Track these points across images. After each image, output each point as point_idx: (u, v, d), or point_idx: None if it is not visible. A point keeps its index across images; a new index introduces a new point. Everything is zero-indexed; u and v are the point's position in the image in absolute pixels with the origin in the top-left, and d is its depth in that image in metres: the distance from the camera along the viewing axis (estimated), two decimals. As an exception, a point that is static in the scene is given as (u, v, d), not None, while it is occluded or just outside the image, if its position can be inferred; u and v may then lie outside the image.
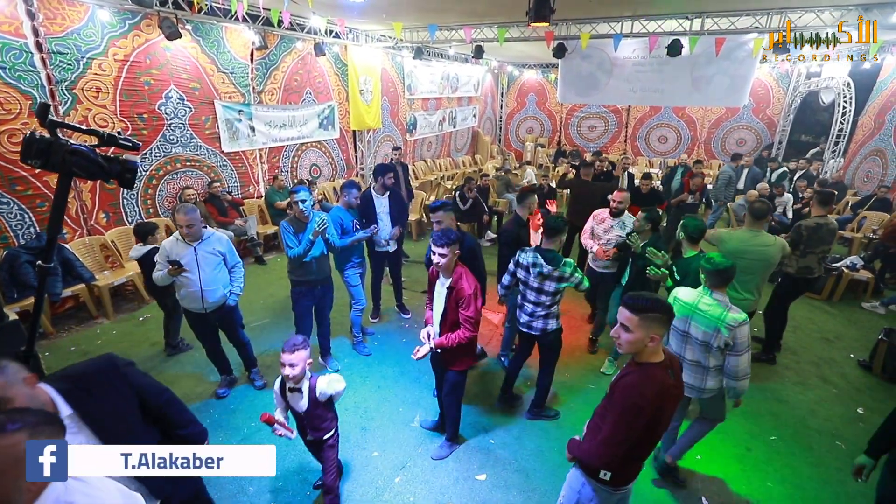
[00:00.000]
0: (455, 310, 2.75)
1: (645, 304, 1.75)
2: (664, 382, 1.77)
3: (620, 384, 1.82)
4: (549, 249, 3.15)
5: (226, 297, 3.53)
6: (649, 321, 1.74)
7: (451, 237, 2.71)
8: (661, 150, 13.86)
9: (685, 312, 2.67)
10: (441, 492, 2.95)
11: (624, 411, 1.75)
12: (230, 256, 3.54)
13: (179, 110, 5.97)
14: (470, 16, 7.12)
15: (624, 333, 1.78)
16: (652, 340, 1.76)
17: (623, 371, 1.89)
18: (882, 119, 9.20)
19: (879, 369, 4.28)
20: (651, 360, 1.81)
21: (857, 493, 2.98)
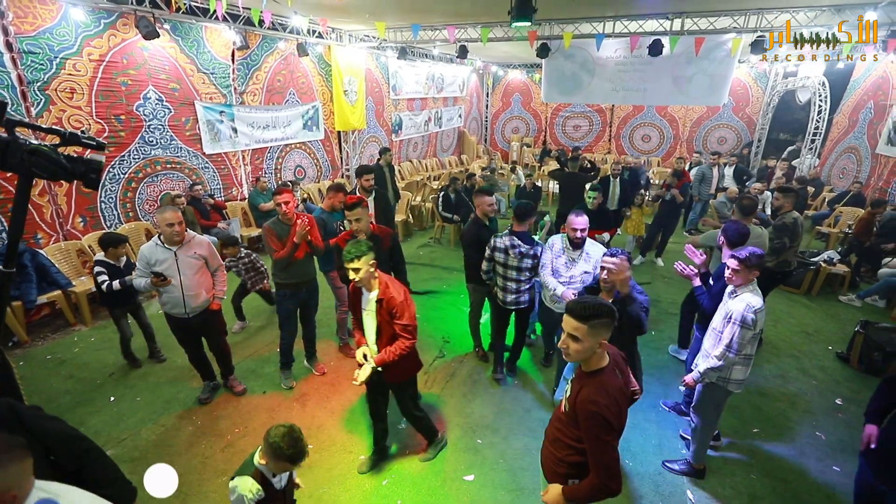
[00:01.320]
0: (390, 322, 2.57)
1: (593, 311, 1.69)
2: (619, 386, 1.77)
3: (580, 402, 1.75)
4: (522, 231, 3.50)
5: (209, 302, 3.46)
6: (598, 327, 1.69)
7: (363, 248, 2.49)
8: (645, 148, 14.04)
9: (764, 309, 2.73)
10: (429, 493, 2.94)
11: (594, 431, 1.71)
12: (212, 260, 3.47)
13: (158, 111, 5.85)
14: (453, 16, 7.12)
15: (573, 343, 1.72)
16: (600, 346, 1.73)
17: (576, 386, 1.83)
18: (855, 117, 9.45)
19: (856, 361, 4.38)
20: (599, 365, 1.78)
21: (836, 483, 3.06)
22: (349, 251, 2.46)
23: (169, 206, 3.28)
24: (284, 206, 3.51)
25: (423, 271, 6.61)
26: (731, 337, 2.63)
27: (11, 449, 1.20)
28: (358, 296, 2.70)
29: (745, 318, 2.57)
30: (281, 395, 3.85)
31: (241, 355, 4.37)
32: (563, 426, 1.91)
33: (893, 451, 2.02)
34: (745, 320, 2.57)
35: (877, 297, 5.71)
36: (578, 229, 3.24)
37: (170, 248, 3.25)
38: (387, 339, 2.62)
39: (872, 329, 4.33)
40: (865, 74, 9.38)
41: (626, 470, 3.14)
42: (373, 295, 2.60)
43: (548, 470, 2.02)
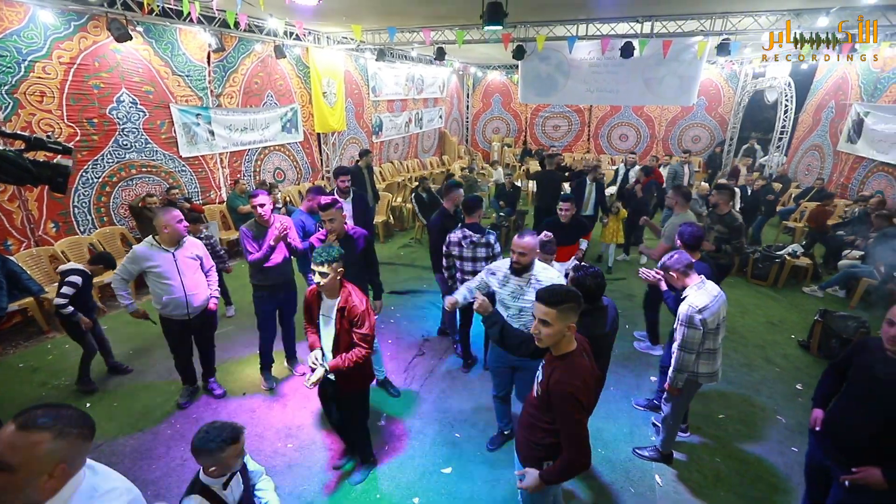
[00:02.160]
0: (349, 331, 2.53)
1: (561, 296, 1.79)
2: (587, 367, 1.86)
3: (552, 384, 1.83)
4: (472, 223, 3.68)
5: (208, 301, 3.53)
6: (566, 311, 1.78)
7: (334, 254, 2.45)
8: (623, 147, 14.34)
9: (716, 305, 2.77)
10: (407, 487, 3.01)
11: (566, 410, 1.80)
12: (206, 260, 3.54)
13: (133, 114, 5.79)
14: (429, 18, 7.20)
15: (544, 328, 1.80)
16: (569, 329, 1.82)
17: (546, 369, 1.92)
18: (819, 116, 9.86)
19: (816, 348, 4.61)
20: (568, 349, 1.87)
21: (794, 462, 3.23)
22: (319, 253, 2.45)
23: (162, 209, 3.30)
24: (260, 209, 3.53)
25: (403, 271, 6.67)
26: (682, 338, 2.75)
27: (84, 425, 1.23)
28: (316, 300, 2.64)
29: (689, 318, 2.69)
30: (261, 397, 3.88)
31: (220, 358, 4.36)
32: (535, 411, 1.99)
33: (836, 432, 2.17)
34: (691, 321, 2.69)
35: (837, 287, 5.99)
36: (517, 251, 2.64)
37: (168, 250, 3.27)
38: (344, 348, 2.55)
39: (830, 318, 4.56)
40: (827, 75, 9.79)
41: (598, 458, 3.27)
42: (334, 302, 2.55)
43: (523, 455, 2.10)
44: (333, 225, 3.26)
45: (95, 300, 4.16)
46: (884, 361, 1.96)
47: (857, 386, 2.11)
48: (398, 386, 3.98)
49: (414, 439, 3.42)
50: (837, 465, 2.11)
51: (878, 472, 1.92)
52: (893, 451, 1.93)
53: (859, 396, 2.08)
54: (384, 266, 6.66)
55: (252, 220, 3.67)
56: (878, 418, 1.96)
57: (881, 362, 1.97)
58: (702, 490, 3.02)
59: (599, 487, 3.04)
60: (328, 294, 2.57)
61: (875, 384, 1.99)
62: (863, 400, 2.05)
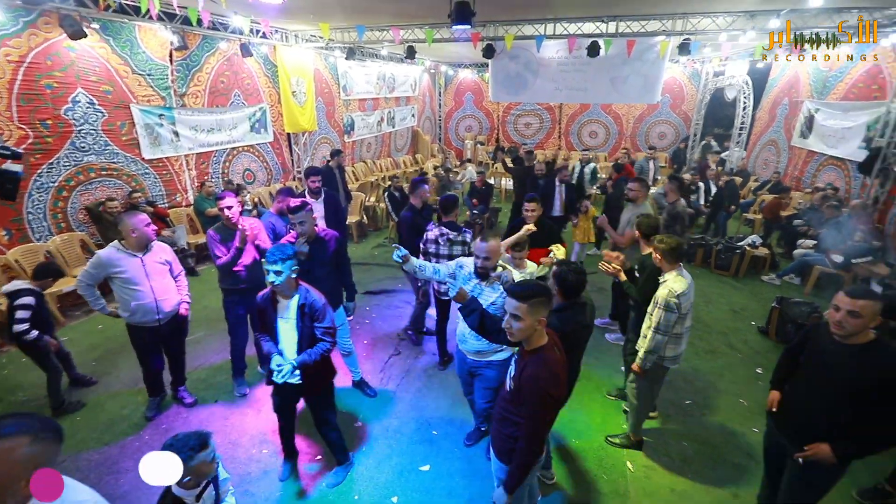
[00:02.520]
0: (311, 327, 2.56)
1: (532, 291, 1.85)
2: (559, 361, 1.91)
3: (524, 378, 1.88)
4: (449, 221, 3.80)
5: (179, 306, 3.46)
6: (537, 306, 1.83)
7: (288, 252, 2.45)
8: (593, 144, 14.66)
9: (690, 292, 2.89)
10: (385, 486, 3.02)
11: (535, 402, 1.84)
12: (175, 265, 3.47)
13: (90, 115, 5.55)
14: (398, 17, 7.18)
15: (515, 323, 1.85)
16: (539, 323, 1.87)
17: (519, 364, 1.96)
18: (774, 113, 10.34)
19: (774, 333, 4.86)
20: (540, 343, 1.91)
21: (755, 443, 3.39)
22: (272, 253, 2.43)
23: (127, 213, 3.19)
24: (227, 212, 3.46)
25: (378, 271, 6.65)
26: (658, 320, 2.87)
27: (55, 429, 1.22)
28: (271, 304, 2.59)
29: (668, 302, 2.81)
30: (234, 403, 3.80)
31: (191, 365, 4.25)
32: (508, 405, 2.03)
33: (790, 411, 2.30)
34: (669, 305, 2.81)
35: (793, 275, 6.32)
36: (481, 256, 2.65)
37: (136, 255, 3.17)
38: (308, 346, 2.57)
39: (786, 304, 4.81)
40: (781, 74, 10.27)
41: (572, 448, 3.36)
42: (292, 302, 2.55)
43: (497, 449, 2.15)
44: (303, 227, 3.21)
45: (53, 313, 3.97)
46: (831, 344, 2.07)
47: (809, 368, 2.22)
48: (374, 386, 3.97)
49: (391, 438, 3.43)
50: (792, 443, 2.23)
51: (828, 448, 2.04)
52: (841, 428, 2.04)
53: (810, 378, 2.19)
54: (358, 266, 6.63)
55: (220, 223, 3.59)
56: (827, 398, 2.08)
57: (829, 345, 2.09)
58: (671, 473, 3.15)
59: (574, 476, 3.13)
60: (284, 294, 2.55)
61: (824, 366, 2.11)
62: (813, 381, 2.17)
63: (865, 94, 7.42)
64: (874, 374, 1.93)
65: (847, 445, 2.03)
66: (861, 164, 6.92)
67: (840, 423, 2.05)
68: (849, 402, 2.01)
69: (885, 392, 1.91)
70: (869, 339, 2.00)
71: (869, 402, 1.96)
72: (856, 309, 1.94)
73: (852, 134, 7.51)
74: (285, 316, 2.58)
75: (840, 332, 2.01)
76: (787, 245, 7.13)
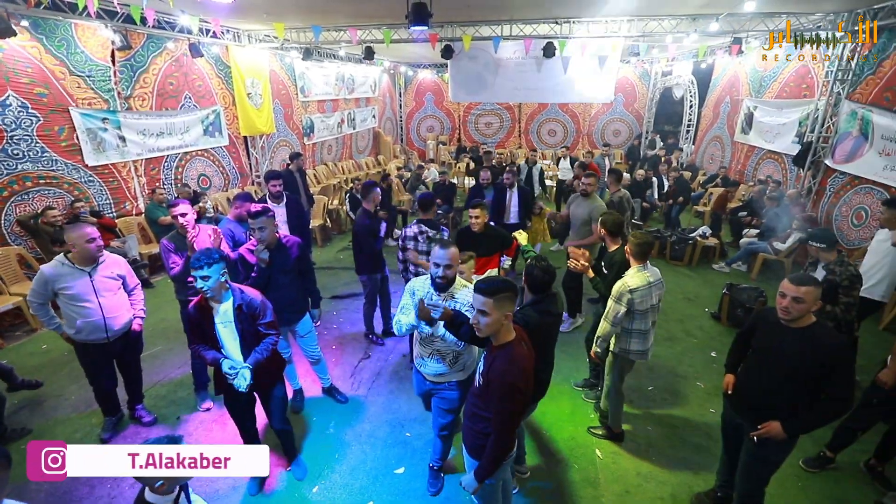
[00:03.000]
0: (253, 325, 2.58)
1: (497, 286, 1.87)
2: (526, 355, 1.96)
3: (492, 373, 1.91)
4: (427, 219, 3.88)
5: (131, 323, 3.26)
6: (503, 300, 1.86)
7: (215, 256, 2.41)
8: (552, 142, 15.05)
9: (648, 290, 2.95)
10: (361, 493, 2.99)
11: (503, 396, 1.88)
12: (130, 279, 3.27)
13: (23, 120, 5.16)
14: (355, 17, 7.10)
15: (483, 318, 1.87)
16: (507, 318, 1.90)
17: (488, 359, 1.99)
18: (718, 111, 10.97)
19: (725, 318, 5.17)
20: (508, 338, 1.95)
21: (713, 423, 3.60)
22: (198, 259, 2.35)
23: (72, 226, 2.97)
24: (182, 219, 3.31)
25: (344, 275, 6.55)
26: (608, 309, 3.02)
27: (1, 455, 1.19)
28: (205, 311, 2.51)
29: (620, 294, 2.94)
30: (198, 419, 3.65)
31: (149, 381, 4.05)
32: (478, 400, 2.07)
33: (744, 392, 2.44)
34: (620, 297, 2.94)
35: (740, 262, 6.73)
36: (443, 264, 2.41)
37: (83, 270, 2.95)
38: (252, 345, 2.58)
39: (735, 290, 5.12)
40: (722, 74, 10.91)
41: (543, 439, 3.45)
42: (228, 305, 2.52)
43: (469, 445, 2.17)
44: (263, 234, 3.11)
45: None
46: (778, 328, 2.20)
47: (759, 352, 2.36)
48: (345, 392, 3.92)
49: (365, 443, 3.40)
50: (747, 422, 2.37)
51: (779, 426, 2.18)
52: (790, 406, 2.19)
53: (761, 361, 2.33)
54: (324, 271, 6.51)
55: (174, 232, 3.43)
56: (776, 379, 2.22)
57: (776, 329, 2.22)
58: (636, 457, 3.29)
59: (546, 466, 3.21)
60: (217, 299, 2.50)
61: (772, 349, 2.25)
62: (764, 364, 2.30)
63: (796, 92, 8.02)
64: (815, 354, 2.06)
65: (795, 423, 2.17)
66: (795, 157, 7.47)
67: (789, 401, 2.18)
68: (795, 382, 2.15)
69: (825, 370, 2.05)
70: (810, 322, 2.13)
71: (812, 381, 2.10)
72: (799, 295, 2.06)
73: (786, 129, 8.10)
74: (223, 321, 2.54)
75: (786, 317, 2.13)
76: (734, 235, 7.59)
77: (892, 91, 5.94)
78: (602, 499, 2.97)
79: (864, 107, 6.33)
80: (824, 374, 2.07)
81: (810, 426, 2.21)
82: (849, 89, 6.67)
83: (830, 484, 3.06)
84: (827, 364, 2.05)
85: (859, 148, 6.40)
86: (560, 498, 2.97)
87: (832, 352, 2.05)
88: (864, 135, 6.30)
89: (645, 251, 3.01)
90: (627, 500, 2.96)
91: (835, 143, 6.90)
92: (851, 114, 6.57)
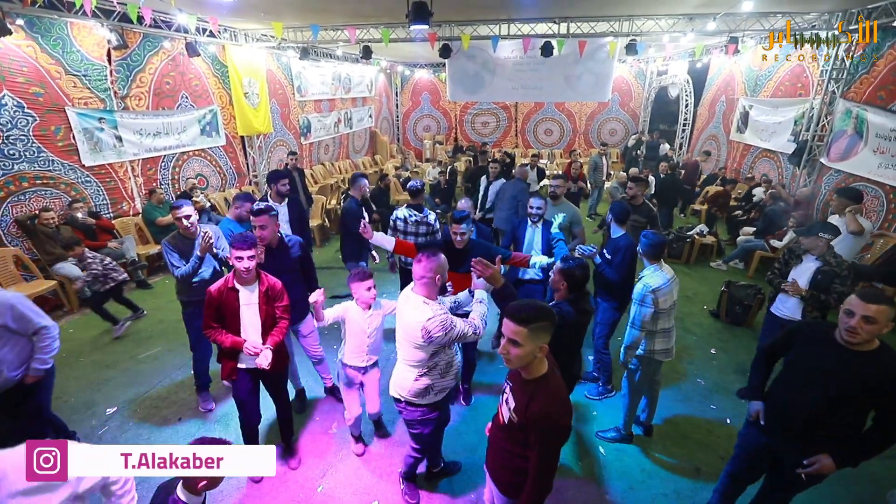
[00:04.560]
0: (272, 309, 2.74)
1: (532, 314, 1.61)
2: (561, 382, 1.75)
3: (534, 415, 1.64)
4: (416, 204, 4.21)
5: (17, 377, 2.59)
6: (538, 331, 1.61)
7: (253, 238, 2.61)
8: (548, 142, 15.09)
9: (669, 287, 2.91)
10: (365, 492, 2.98)
11: (550, 437, 1.66)
12: (21, 324, 2.53)
13: (18, 119, 5.11)
14: (353, 16, 7.09)
15: (513, 349, 1.63)
16: (541, 350, 1.65)
17: (521, 398, 1.71)
18: (713, 110, 11.04)
19: (724, 315, 5.20)
20: (542, 370, 1.71)
21: (714, 420, 3.64)
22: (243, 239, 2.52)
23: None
24: (185, 221, 3.27)
25: (343, 274, 6.49)
26: (634, 314, 2.96)
27: None
28: (230, 295, 2.65)
29: (643, 297, 2.89)
30: (200, 420, 3.63)
31: (150, 383, 4.03)
32: (507, 437, 1.85)
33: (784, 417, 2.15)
34: (644, 300, 2.89)
35: (738, 260, 6.79)
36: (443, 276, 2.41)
37: None
38: (271, 328, 2.76)
39: (734, 287, 5.16)
40: (718, 73, 10.98)
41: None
42: (254, 288, 2.69)
43: (503, 484, 1.94)
44: (265, 232, 3.11)
45: None
46: (830, 345, 1.96)
47: (803, 371, 2.09)
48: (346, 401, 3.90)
49: (368, 443, 3.40)
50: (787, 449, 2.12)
51: (830, 462, 1.96)
52: (842, 433, 1.98)
53: (805, 381, 2.05)
54: (324, 270, 6.48)
55: (174, 233, 3.39)
56: (825, 402, 1.96)
57: (828, 349, 1.97)
58: (640, 454, 3.31)
59: (550, 464, 3.22)
60: (248, 282, 2.66)
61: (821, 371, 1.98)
62: (808, 384, 2.03)
63: (791, 91, 8.09)
64: (882, 381, 1.83)
65: (848, 456, 1.95)
66: (791, 156, 7.54)
67: (841, 428, 1.96)
68: (850, 408, 1.93)
69: (889, 399, 1.84)
70: (877, 346, 1.87)
71: (870, 408, 1.90)
72: (871, 314, 1.80)
73: (782, 128, 8.17)
74: (249, 302, 2.68)
75: (853, 339, 1.85)
76: (731, 233, 7.65)
77: (886, 90, 6.01)
78: (606, 496, 2.98)
79: (858, 105, 6.41)
80: (886, 402, 1.86)
81: (864, 458, 1.95)
82: (843, 88, 6.74)
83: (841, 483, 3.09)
84: (892, 392, 1.83)
85: (854, 146, 6.47)
86: (565, 494, 2.98)
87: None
88: (859, 133, 6.37)
89: (658, 252, 3.00)
90: (632, 496, 2.98)
91: (830, 141, 6.97)
92: (846, 112, 6.64)
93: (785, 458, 2.14)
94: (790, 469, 2.10)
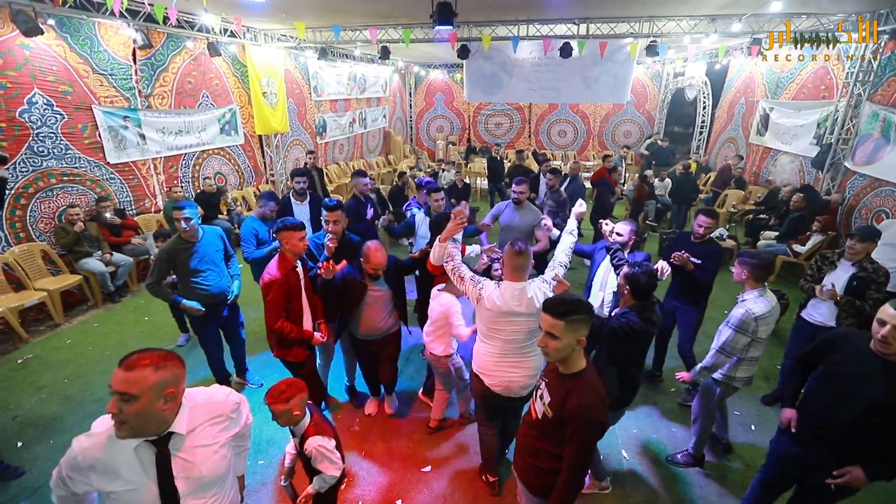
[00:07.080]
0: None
1: (569, 307, 1.64)
2: (598, 381, 1.74)
3: (571, 409, 1.66)
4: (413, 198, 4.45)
5: None
6: (575, 324, 1.64)
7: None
8: (562, 143, 15.01)
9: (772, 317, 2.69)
10: (389, 489, 3.00)
11: (588, 433, 1.66)
12: None
13: (48, 117, 5.22)
14: (374, 17, 7.12)
15: (551, 341, 1.65)
16: (579, 343, 1.67)
17: (558, 392, 1.73)
18: (732, 112, 10.90)
19: (745, 321, 5.11)
20: (580, 365, 1.72)
21: (735, 424, 3.59)
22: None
23: None
24: (184, 223, 3.22)
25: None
26: (726, 339, 2.72)
27: None
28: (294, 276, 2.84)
29: (744, 322, 2.66)
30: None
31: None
32: (540, 434, 1.84)
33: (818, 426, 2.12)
34: (745, 326, 2.66)
35: (758, 265, 6.67)
36: None
37: None
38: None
39: (756, 292, 5.07)
40: (737, 75, 10.84)
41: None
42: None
43: (533, 486, 1.93)
44: (336, 227, 3.22)
45: None
46: (868, 354, 1.93)
47: (837, 378, 2.06)
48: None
49: (390, 441, 3.41)
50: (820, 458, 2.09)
51: (862, 474, 1.94)
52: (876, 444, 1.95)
53: (838, 389, 2.04)
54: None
55: (176, 236, 3.34)
56: (859, 412, 1.94)
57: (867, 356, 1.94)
58: (659, 457, 3.29)
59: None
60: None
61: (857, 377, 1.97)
62: (841, 392, 2.02)
63: (814, 93, 7.95)
64: None
65: (881, 469, 1.92)
66: (814, 159, 7.41)
67: (874, 440, 1.93)
68: (882, 419, 1.89)
69: None
70: None
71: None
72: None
73: (804, 131, 8.03)
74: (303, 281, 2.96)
75: (885, 349, 1.84)
76: (751, 236, 7.54)
77: (915, 93, 5.89)
78: (629, 499, 2.96)
79: (886, 108, 6.28)
80: None
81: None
82: (870, 90, 6.61)
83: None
84: None
85: (881, 149, 6.34)
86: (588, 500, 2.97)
87: None
88: (886, 136, 6.25)
89: (766, 274, 2.76)
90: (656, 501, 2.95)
91: (855, 144, 6.84)
92: (873, 115, 6.52)
93: (815, 469, 2.09)
94: (820, 479, 2.06)
